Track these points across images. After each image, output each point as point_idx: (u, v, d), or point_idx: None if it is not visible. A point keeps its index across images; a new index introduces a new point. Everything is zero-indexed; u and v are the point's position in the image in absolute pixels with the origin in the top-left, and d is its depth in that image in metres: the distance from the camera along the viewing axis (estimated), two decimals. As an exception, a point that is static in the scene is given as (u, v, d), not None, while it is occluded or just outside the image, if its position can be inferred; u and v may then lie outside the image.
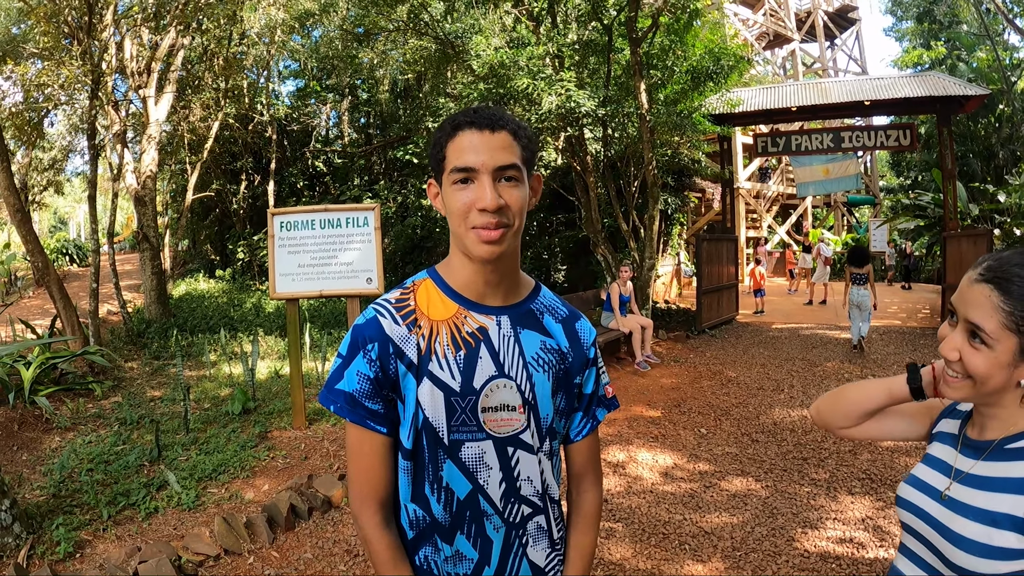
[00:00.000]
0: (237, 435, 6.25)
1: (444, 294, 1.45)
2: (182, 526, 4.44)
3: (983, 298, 1.24)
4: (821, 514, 4.65)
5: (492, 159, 1.32)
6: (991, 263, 1.26)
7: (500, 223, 1.32)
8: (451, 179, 1.34)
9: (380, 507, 1.42)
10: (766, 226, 25.94)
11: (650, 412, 7.39)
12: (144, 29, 13.36)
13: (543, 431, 1.48)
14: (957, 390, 1.31)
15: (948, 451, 1.41)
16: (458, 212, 1.34)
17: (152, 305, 13.40)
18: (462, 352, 1.40)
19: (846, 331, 12.35)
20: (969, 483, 1.30)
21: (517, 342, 1.44)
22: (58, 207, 44.80)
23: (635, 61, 10.68)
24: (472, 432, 1.40)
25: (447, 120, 1.39)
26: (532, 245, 16.81)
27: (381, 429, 1.40)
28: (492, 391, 1.41)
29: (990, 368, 1.24)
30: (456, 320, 1.42)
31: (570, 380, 1.53)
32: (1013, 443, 1.27)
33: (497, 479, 1.43)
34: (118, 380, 8.95)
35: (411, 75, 18.83)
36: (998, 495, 1.24)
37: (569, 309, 1.59)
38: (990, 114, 21.86)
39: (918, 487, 1.41)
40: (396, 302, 1.44)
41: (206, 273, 20.91)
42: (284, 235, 5.64)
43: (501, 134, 1.34)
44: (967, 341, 1.27)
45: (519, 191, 1.36)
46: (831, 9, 37.18)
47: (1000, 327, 1.22)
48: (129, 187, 13.23)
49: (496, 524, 1.44)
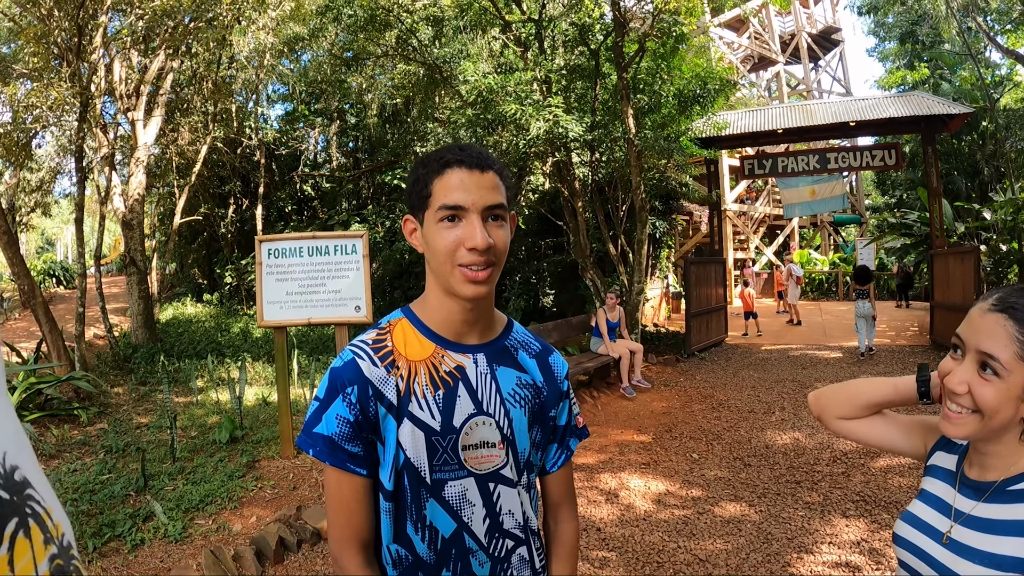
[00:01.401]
0: (225, 464, 6.18)
1: (420, 333, 1.44)
2: (169, 559, 4.37)
3: (998, 327, 1.21)
4: (816, 538, 4.63)
5: (482, 199, 1.32)
6: (1002, 295, 1.25)
7: (488, 262, 1.33)
8: (438, 216, 1.34)
9: (362, 548, 1.40)
10: (753, 247, 26.07)
11: (641, 437, 7.36)
12: (134, 52, 13.36)
13: (521, 465, 1.48)
14: (961, 427, 1.27)
15: (946, 489, 1.38)
16: (444, 250, 1.33)
17: (139, 329, 13.30)
18: (441, 391, 1.39)
19: (835, 351, 12.44)
20: (971, 525, 1.28)
21: (494, 379, 1.45)
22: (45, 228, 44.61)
23: (622, 86, 10.75)
24: (454, 470, 1.39)
25: (432, 157, 1.39)
26: (520, 269, 16.81)
27: (361, 471, 1.38)
28: (472, 429, 1.40)
29: (1000, 400, 1.21)
30: (434, 360, 1.42)
31: (545, 414, 1.54)
32: (1015, 484, 1.24)
33: (481, 515, 1.42)
34: (104, 406, 8.85)
35: (399, 100, 18.88)
36: (1001, 538, 1.21)
37: (542, 343, 1.60)
38: (974, 132, 22.07)
39: (917, 527, 1.39)
40: (373, 343, 1.42)
41: (194, 297, 20.83)
42: (272, 262, 5.61)
43: (489, 174, 1.35)
44: (976, 373, 1.23)
45: (504, 231, 1.37)
46: (815, 31, 37.62)
47: (1015, 357, 1.19)
48: (117, 210, 13.18)
49: (481, 560, 1.43)
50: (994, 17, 23.19)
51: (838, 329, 15.73)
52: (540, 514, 1.63)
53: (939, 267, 13.67)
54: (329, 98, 19.97)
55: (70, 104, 10.99)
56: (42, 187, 24.12)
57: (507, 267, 16.96)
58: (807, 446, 6.79)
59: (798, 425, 7.61)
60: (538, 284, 16.58)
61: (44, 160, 23.35)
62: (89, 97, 10.69)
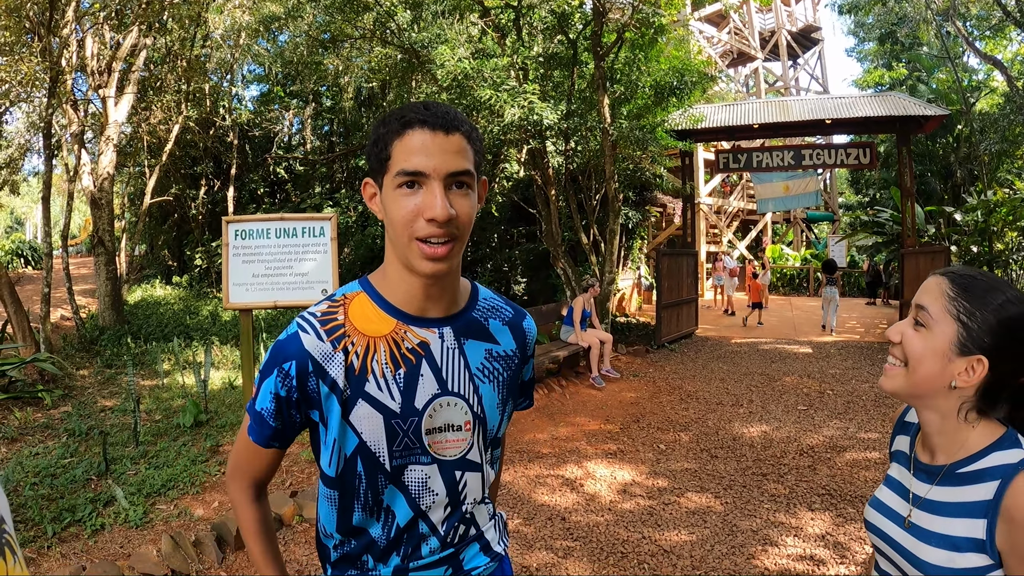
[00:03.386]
0: (188, 449, 6.11)
1: (380, 308, 1.34)
2: (129, 544, 4.31)
3: (933, 285, 1.32)
4: (781, 531, 4.65)
5: (445, 164, 1.21)
6: (950, 267, 1.36)
7: (448, 235, 1.22)
8: (395, 182, 1.23)
9: (253, 483, 1.41)
10: (726, 241, 26.21)
11: (608, 427, 7.36)
12: (107, 27, 13.11)
13: (487, 443, 1.43)
14: (893, 378, 1.35)
15: (904, 473, 1.44)
16: (402, 220, 1.22)
17: (106, 311, 13.09)
18: (402, 370, 1.31)
19: (805, 346, 12.55)
20: (927, 508, 1.33)
21: (462, 354, 1.36)
22: (15, 207, 43.89)
23: (599, 75, 10.72)
24: (416, 456, 1.33)
25: (393, 114, 1.26)
26: (492, 257, 16.78)
27: (275, 445, 1.36)
28: (436, 411, 1.33)
29: (924, 350, 1.29)
30: (395, 336, 1.32)
31: (518, 381, 1.51)
32: (963, 467, 1.29)
33: (443, 503, 1.37)
34: (69, 389, 8.71)
35: (376, 83, 18.73)
36: (955, 520, 1.27)
37: (513, 307, 1.52)
38: (949, 134, 22.29)
39: (882, 511, 1.44)
40: (323, 315, 1.32)
41: (163, 279, 20.55)
42: (239, 244, 5.52)
43: (455, 136, 1.22)
44: (911, 325, 1.33)
45: (469, 200, 1.26)
46: (795, 29, 37.78)
47: (942, 310, 1.28)
48: (85, 189, 12.96)
49: (433, 547, 1.38)
50: (973, 23, 23.39)
51: (808, 324, 15.86)
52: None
53: (909, 266, 13.80)
54: (305, 80, 19.74)
55: (40, 80, 10.78)
56: (10, 164, 23.70)
57: (479, 254, 17.07)
58: (774, 439, 6.83)
59: (766, 418, 7.66)
60: (509, 272, 16.56)
61: (14, 137, 22.95)
62: (59, 73, 10.48)
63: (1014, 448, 1.25)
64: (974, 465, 1.27)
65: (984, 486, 1.24)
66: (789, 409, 8.06)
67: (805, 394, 8.80)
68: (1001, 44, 23.25)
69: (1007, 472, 1.22)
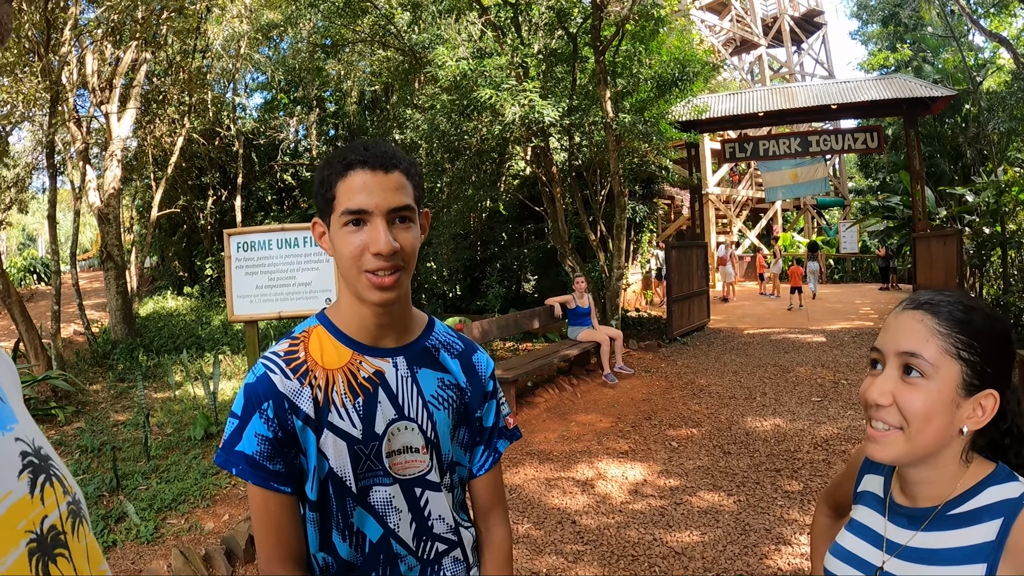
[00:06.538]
0: (199, 462, 6.12)
1: (337, 340, 1.41)
2: (141, 560, 4.32)
3: (915, 323, 1.12)
4: (794, 528, 4.59)
5: (386, 201, 1.28)
6: (914, 296, 1.18)
7: (394, 266, 1.29)
8: (341, 220, 1.29)
9: (295, 565, 1.38)
10: (736, 231, 26.11)
11: (620, 425, 7.31)
12: (106, 43, 13.15)
13: (445, 467, 1.47)
14: (889, 446, 1.14)
15: (875, 518, 1.27)
16: (350, 256, 1.29)
17: (118, 325, 13.15)
18: (360, 399, 1.37)
19: (818, 335, 12.48)
20: (908, 557, 1.17)
21: (415, 382, 1.43)
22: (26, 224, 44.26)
23: (600, 69, 10.65)
24: (379, 477, 1.38)
25: (335, 157, 1.34)
26: (502, 256, 16.76)
27: (285, 489, 1.34)
28: (394, 434, 1.39)
29: (931, 406, 1.09)
30: (351, 366, 1.39)
31: (470, 415, 1.52)
32: (956, 508, 1.14)
33: (408, 520, 1.42)
34: (82, 404, 8.75)
35: (378, 86, 18.76)
36: (946, 568, 1.12)
37: (465, 342, 1.57)
38: (956, 115, 22.13)
39: (848, 560, 1.27)
40: (285, 355, 1.38)
41: (174, 290, 20.66)
42: (241, 255, 5.51)
43: (394, 174, 1.30)
44: (900, 379, 1.12)
45: (412, 232, 1.33)
46: (797, 14, 37.58)
47: (940, 352, 1.09)
48: (92, 204, 13.01)
49: (410, 564, 1.43)
50: (977, 0, 23.20)
51: (821, 312, 15.75)
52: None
53: (921, 250, 13.71)
54: (308, 86, 19.81)
55: (42, 99, 10.82)
56: (18, 183, 23.87)
57: (488, 254, 17.03)
58: (788, 432, 6.76)
59: (779, 411, 7.58)
60: (519, 270, 16.54)
61: (21, 156, 23.09)
62: (60, 91, 10.52)
63: (1011, 481, 1.12)
64: (969, 504, 1.13)
65: (984, 527, 1.10)
66: (803, 401, 7.98)
67: (819, 385, 8.73)
68: (1006, 21, 22.97)
69: (1010, 508, 1.09)
